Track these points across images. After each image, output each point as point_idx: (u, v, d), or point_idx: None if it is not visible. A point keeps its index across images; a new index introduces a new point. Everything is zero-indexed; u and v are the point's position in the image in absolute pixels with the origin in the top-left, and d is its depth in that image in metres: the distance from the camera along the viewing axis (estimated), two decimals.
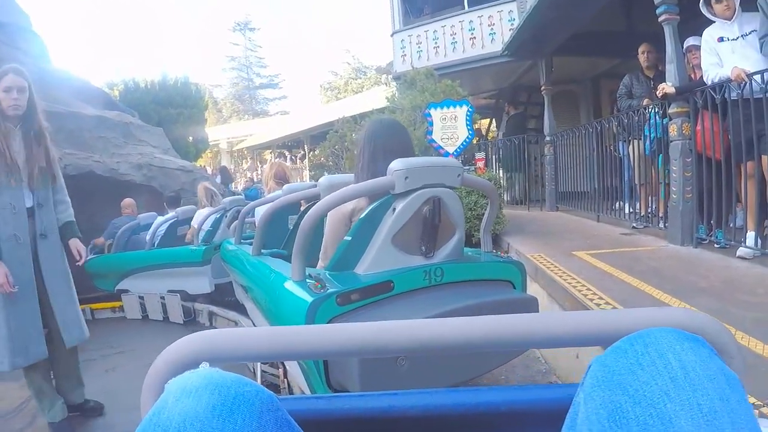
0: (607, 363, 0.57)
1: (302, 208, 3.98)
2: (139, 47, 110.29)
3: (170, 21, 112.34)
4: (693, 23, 5.35)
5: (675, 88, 5.06)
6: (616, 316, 0.68)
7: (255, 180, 21.24)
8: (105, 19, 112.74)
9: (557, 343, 0.71)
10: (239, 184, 19.76)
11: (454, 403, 0.80)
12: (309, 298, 2.17)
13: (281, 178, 5.18)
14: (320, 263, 2.79)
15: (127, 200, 8.98)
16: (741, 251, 4.43)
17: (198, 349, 0.67)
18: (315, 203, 2.89)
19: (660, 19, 5.24)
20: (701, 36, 4.95)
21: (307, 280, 2.31)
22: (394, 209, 2.36)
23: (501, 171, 10.69)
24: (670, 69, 5.23)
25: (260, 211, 4.40)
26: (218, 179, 16.96)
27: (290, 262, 2.57)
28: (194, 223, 7.41)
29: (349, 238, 2.45)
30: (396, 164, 2.32)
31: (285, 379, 3.81)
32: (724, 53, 4.60)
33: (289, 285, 2.43)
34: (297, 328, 0.71)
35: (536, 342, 0.70)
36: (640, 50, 6.52)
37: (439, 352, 0.70)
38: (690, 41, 5.44)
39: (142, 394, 0.68)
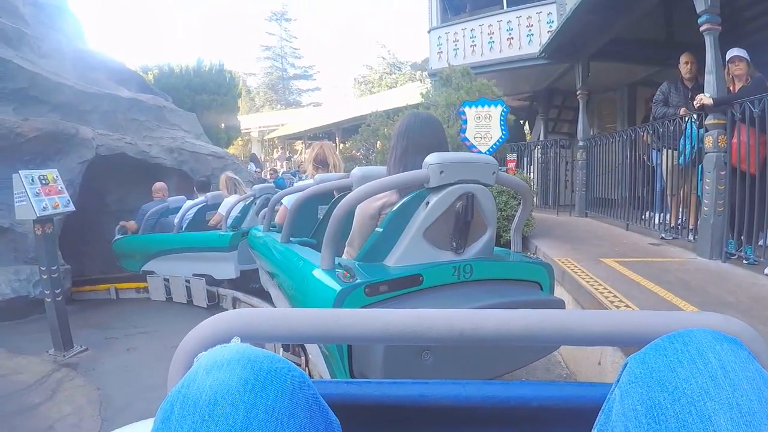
0: (646, 360, 0.57)
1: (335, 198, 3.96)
2: (174, 32, 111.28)
3: (207, 7, 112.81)
4: (734, 34, 5.29)
5: (713, 99, 5.00)
6: (654, 317, 0.68)
7: (279, 171, 21.22)
8: (140, 2, 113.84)
9: (594, 341, 0.71)
10: (267, 173, 19.74)
11: (485, 396, 0.79)
12: (337, 287, 2.17)
13: (320, 163, 4.90)
14: (345, 254, 2.81)
15: (159, 184, 9.02)
16: None
17: (232, 326, 0.67)
18: (347, 193, 2.91)
19: (701, 29, 5.18)
20: (744, 47, 4.88)
21: (337, 270, 2.31)
22: (428, 203, 2.35)
23: None
24: (709, 80, 5.16)
25: (288, 201, 4.39)
26: (250, 167, 17.01)
27: (319, 251, 2.58)
28: (221, 210, 7.46)
29: (380, 230, 2.45)
30: (432, 158, 2.31)
31: (307, 368, 3.83)
32: None
33: (318, 273, 2.43)
34: (336, 311, 0.71)
35: (574, 339, 0.70)
36: (682, 60, 6.38)
37: (478, 343, 0.70)
38: (734, 51, 5.33)
39: (171, 366, 0.67)
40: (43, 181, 5.47)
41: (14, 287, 7.21)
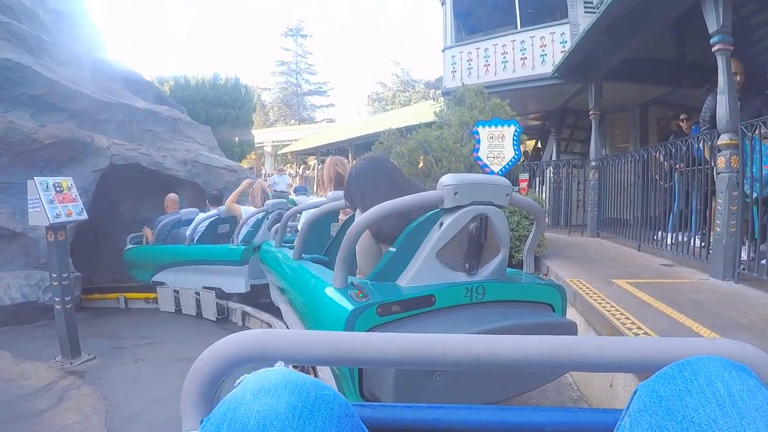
0: (655, 388, 0.57)
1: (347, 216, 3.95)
2: (191, 45, 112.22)
3: (224, 21, 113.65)
4: (745, 54, 5.27)
5: None
6: (667, 344, 0.68)
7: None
8: (159, 15, 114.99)
9: (608, 368, 0.72)
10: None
11: (499, 421, 0.78)
12: (350, 306, 2.18)
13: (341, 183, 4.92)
14: (359, 272, 2.81)
15: (172, 195, 9.10)
16: None
17: (249, 347, 0.67)
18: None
19: (714, 49, 5.19)
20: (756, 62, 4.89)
21: (349, 289, 2.32)
22: (441, 224, 2.36)
23: None
24: (722, 100, 5.15)
25: (306, 216, 4.38)
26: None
27: (330, 269, 2.58)
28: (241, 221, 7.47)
29: (394, 250, 2.45)
30: (447, 179, 2.32)
31: None
32: None
33: (330, 291, 2.44)
34: (351, 334, 0.72)
35: (587, 365, 0.71)
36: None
37: (493, 368, 0.71)
38: None
39: (186, 384, 0.67)
40: (58, 189, 5.51)
41: (24, 292, 7.26)
